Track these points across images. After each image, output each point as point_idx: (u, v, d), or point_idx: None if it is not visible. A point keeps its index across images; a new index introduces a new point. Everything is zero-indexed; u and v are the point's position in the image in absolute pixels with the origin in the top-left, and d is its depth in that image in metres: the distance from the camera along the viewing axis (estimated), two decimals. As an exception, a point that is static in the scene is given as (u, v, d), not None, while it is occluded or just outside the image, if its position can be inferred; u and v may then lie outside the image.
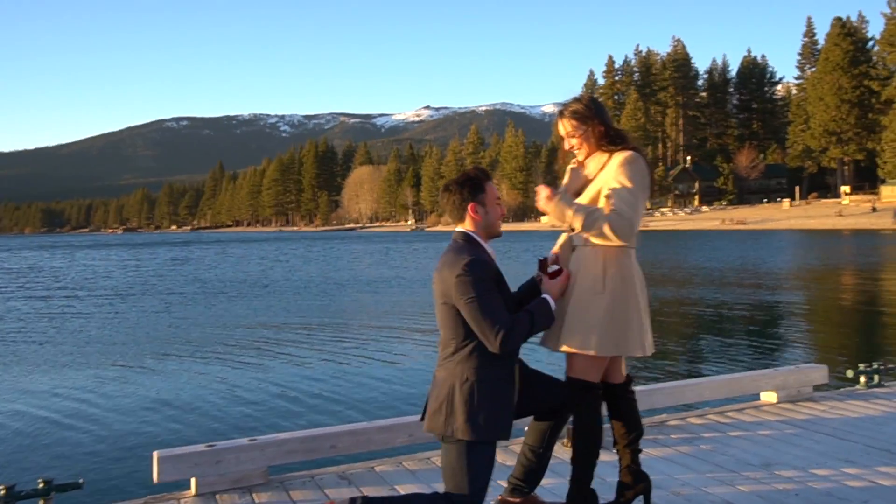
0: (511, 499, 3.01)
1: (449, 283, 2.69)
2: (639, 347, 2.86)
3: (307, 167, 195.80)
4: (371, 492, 3.39)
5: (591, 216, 2.77)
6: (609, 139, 2.91)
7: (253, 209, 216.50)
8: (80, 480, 3.31)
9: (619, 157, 2.83)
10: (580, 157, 3.00)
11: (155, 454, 3.36)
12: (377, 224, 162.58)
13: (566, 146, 3.02)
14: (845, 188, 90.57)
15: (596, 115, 2.94)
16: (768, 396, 5.00)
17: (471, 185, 2.85)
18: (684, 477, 3.56)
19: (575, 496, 2.93)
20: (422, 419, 2.87)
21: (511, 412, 2.76)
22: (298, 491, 3.43)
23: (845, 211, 75.46)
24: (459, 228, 2.86)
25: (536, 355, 5.47)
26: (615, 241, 2.76)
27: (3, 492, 3.06)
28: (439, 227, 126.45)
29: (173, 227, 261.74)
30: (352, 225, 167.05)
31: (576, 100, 2.99)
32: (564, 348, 2.83)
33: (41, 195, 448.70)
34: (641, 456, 3.86)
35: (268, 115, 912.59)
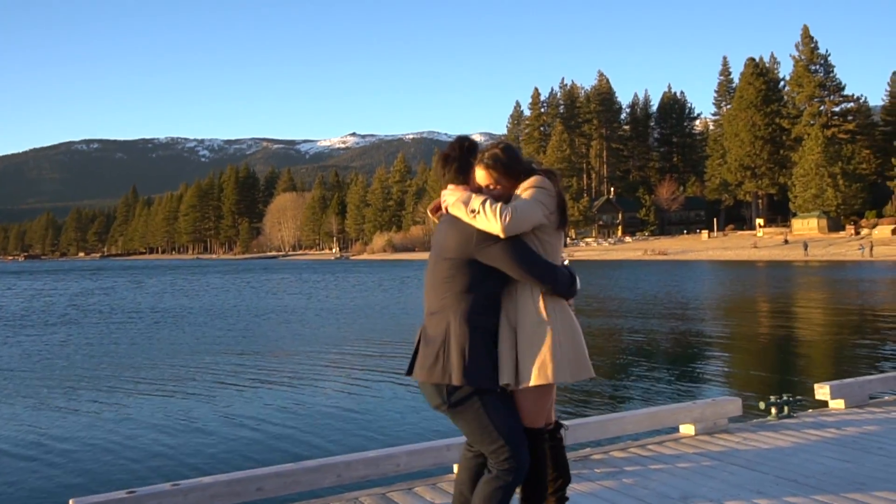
0: None
1: (469, 230, 2.78)
2: (588, 370, 2.96)
3: (227, 193, 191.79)
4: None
5: (493, 201, 2.79)
6: (524, 179, 2.93)
7: (169, 236, 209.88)
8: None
9: (526, 181, 2.89)
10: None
11: (71, 502, 3.26)
12: (300, 252, 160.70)
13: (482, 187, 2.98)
14: (760, 221, 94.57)
15: (516, 163, 2.94)
16: (687, 429, 5.17)
17: (469, 152, 2.95)
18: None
19: None
20: (408, 373, 2.92)
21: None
22: (223, 535, 3.37)
23: (760, 243, 78.79)
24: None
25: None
26: (497, 226, 2.73)
27: None
28: (364, 256, 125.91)
29: (81, 254, 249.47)
30: (274, 253, 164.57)
31: (495, 146, 2.97)
32: (524, 385, 2.82)
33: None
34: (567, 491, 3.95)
35: (186, 139, 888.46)
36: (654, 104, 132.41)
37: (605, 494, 3.92)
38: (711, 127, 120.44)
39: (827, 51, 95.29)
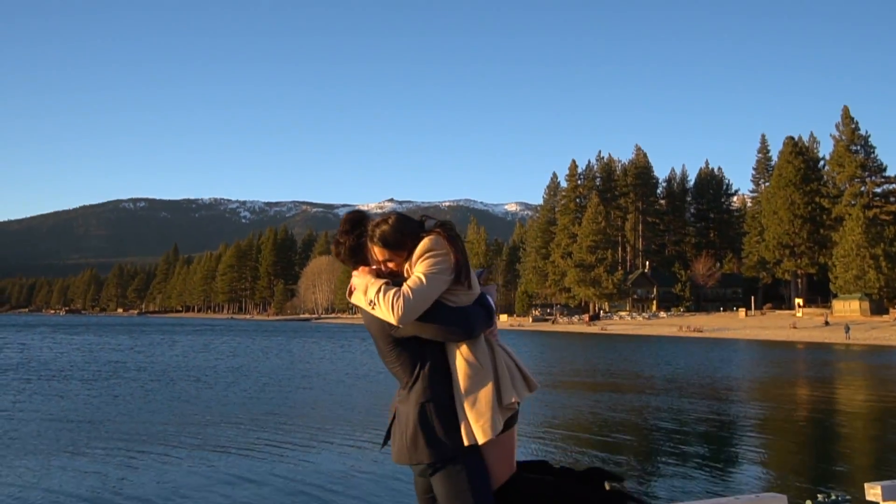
0: None
1: (370, 314, 2.75)
2: (528, 387, 2.87)
3: (265, 254, 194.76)
4: None
5: (388, 287, 2.67)
6: (415, 245, 2.78)
7: (206, 294, 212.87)
8: None
9: (419, 248, 2.73)
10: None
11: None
12: (332, 315, 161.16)
13: (379, 266, 2.85)
14: (799, 300, 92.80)
15: (402, 236, 2.79)
16: (727, 529, 4.80)
17: (356, 230, 2.88)
18: None
19: None
20: (383, 447, 2.96)
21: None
22: None
23: (799, 323, 77.04)
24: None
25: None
26: (392, 318, 2.63)
27: None
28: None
29: (119, 310, 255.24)
30: (307, 315, 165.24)
31: (383, 221, 2.83)
32: (482, 441, 2.69)
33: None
34: None
35: (229, 201, 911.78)
36: (691, 179, 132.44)
37: None
38: (749, 204, 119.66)
39: (867, 132, 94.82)
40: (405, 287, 2.65)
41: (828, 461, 11.42)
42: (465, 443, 2.71)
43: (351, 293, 2.88)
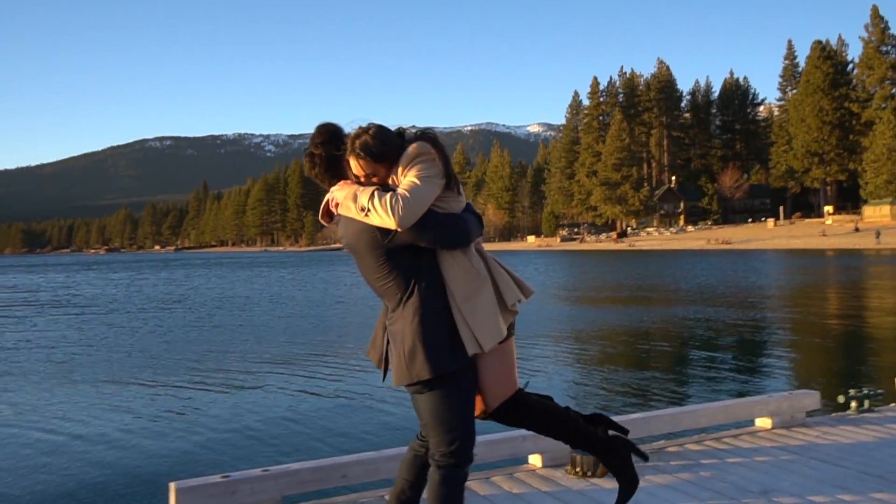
0: None
1: (370, 229, 2.60)
2: (521, 292, 2.79)
3: (292, 187, 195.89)
4: (382, 521, 3.47)
5: (382, 192, 2.55)
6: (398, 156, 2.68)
7: (238, 229, 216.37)
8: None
9: (406, 155, 2.64)
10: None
11: (172, 486, 3.43)
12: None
13: (360, 180, 2.71)
14: (828, 208, 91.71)
15: (387, 146, 2.67)
16: (763, 422, 5.11)
17: (332, 143, 2.74)
18: (686, 504, 3.66)
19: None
20: (384, 378, 2.84)
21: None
22: (311, 520, 3.51)
23: (829, 231, 76.40)
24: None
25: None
26: (391, 221, 2.52)
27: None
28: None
29: (156, 248, 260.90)
30: (338, 244, 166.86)
31: (364, 132, 2.68)
32: (488, 348, 2.64)
33: (22, 215, 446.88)
34: (642, 482, 3.97)
35: (252, 135, 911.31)
36: (716, 91, 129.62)
37: (683, 487, 3.92)
38: (776, 112, 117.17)
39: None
40: (401, 190, 2.54)
41: (859, 361, 11.70)
42: (470, 352, 2.62)
43: (327, 213, 2.82)
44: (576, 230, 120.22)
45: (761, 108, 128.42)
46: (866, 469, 4.15)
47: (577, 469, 4.09)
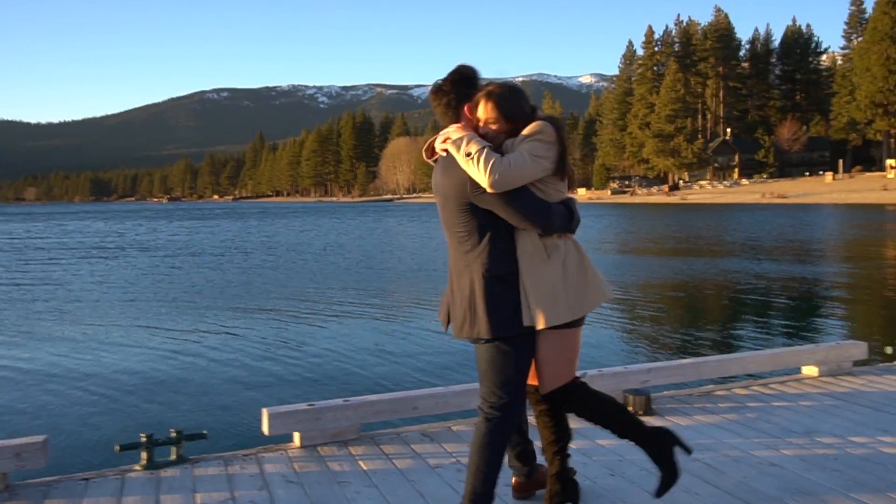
0: (522, 480, 3.16)
1: (462, 177, 2.68)
2: (600, 296, 2.84)
3: (345, 138, 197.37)
4: (450, 448, 3.84)
5: (491, 152, 2.64)
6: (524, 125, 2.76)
7: (293, 179, 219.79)
8: (204, 431, 3.81)
9: (528, 128, 2.73)
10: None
11: (264, 411, 3.84)
12: (414, 195, 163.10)
13: (479, 123, 2.78)
14: (891, 161, 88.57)
15: (518, 109, 2.77)
16: (809, 370, 5.33)
17: (465, 83, 2.80)
18: (732, 441, 3.94)
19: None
20: (445, 329, 2.95)
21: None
22: (387, 445, 3.90)
23: (890, 185, 73.94)
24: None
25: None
26: (485, 180, 2.61)
27: (144, 439, 3.57)
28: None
29: (215, 197, 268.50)
30: (389, 196, 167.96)
31: (502, 85, 2.79)
32: (539, 327, 2.73)
33: (89, 165, 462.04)
34: (691, 421, 4.27)
35: (306, 87, 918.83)
36: (777, 39, 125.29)
37: (731, 427, 4.20)
38: (840, 62, 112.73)
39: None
40: (507, 158, 2.63)
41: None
42: (525, 322, 2.71)
43: (431, 152, 2.88)
44: (627, 183, 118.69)
45: (824, 57, 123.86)
46: (907, 414, 4.37)
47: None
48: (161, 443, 3.61)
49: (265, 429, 3.81)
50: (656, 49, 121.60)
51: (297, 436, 3.89)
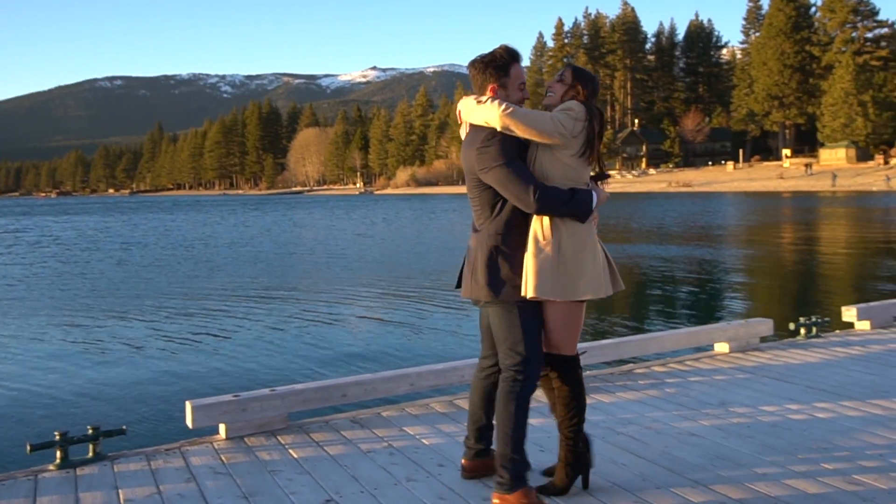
0: (471, 461, 3.19)
1: (472, 157, 2.90)
2: (600, 289, 2.95)
3: (251, 129, 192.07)
4: (381, 433, 3.83)
5: (509, 103, 2.82)
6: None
7: (195, 172, 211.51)
8: (123, 427, 3.67)
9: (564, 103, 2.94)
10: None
11: (188, 403, 3.74)
12: (324, 187, 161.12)
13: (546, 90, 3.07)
14: (786, 151, 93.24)
15: (582, 83, 3.01)
16: (721, 347, 5.58)
17: (494, 67, 2.95)
18: (653, 414, 4.09)
19: (571, 460, 3.05)
20: (457, 287, 3.12)
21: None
22: (317, 433, 3.86)
23: (786, 174, 77.91)
24: None
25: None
26: (495, 113, 2.77)
27: (58, 437, 3.42)
28: (388, 191, 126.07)
29: (111, 191, 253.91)
30: (298, 188, 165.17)
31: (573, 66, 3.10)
32: (531, 297, 2.85)
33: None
34: (614, 398, 4.40)
35: (208, 76, 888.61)
36: (681, 33, 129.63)
37: (651, 401, 4.35)
38: (739, 56, 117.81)
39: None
40: (554, 114, 2.84)
41: (810, 292, 12.46)
42: (522, 293, 2.86)
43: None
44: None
45: (724, 51, 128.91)
46: (811, 384, 4.64)
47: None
48: (76, 440, 3.47)
49: (189, 422, 3.71)
50: (566, 41, 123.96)
51: (222, 428, 3.80)
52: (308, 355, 8.23)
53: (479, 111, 2.85)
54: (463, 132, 3.07)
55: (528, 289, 2.84)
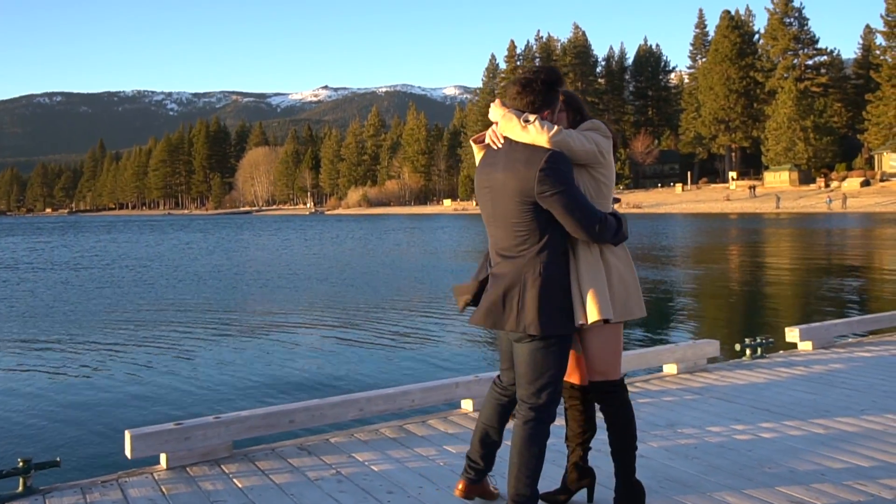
0: (473, 480, 3.12)
1: (528, 177, 2.73)
2: (641, 309, 3.01)
3: (198, 147, 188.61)
4: (329, 460, 3.76)
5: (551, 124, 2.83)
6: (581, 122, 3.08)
7: (139, 191, 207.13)
8: (57, 458, 3.53)
9: (585, 124, 3.05)
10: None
11: (127, 433, 3.62)
12: (274, 207, 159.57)
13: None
14: (733, 174, 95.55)
15: (583, 105, 3.17)
16: (670, 368, 5.64)
17: (554, 91, 2.90)
18: (603, 437, 4.08)
19: (625, 490, 3.07)
20: (462, 311, 3.04)
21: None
22: (263, 461, 3.77)
23: (732, 195, 79.86)
24: None
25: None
26: (544, 137, 2.77)
27: (-13, 471, 3.28)
28: (339, 211, 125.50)
29: (48, 210, 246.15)
30: (247, 208, 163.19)
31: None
32: (592, 321, 2.82)
33: None
34: (563, 422, 4.39)
35: (153, 92, 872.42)
36: (630, 57, 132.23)
37: (601, 425, 4.34)
38: (686, 80, 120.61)
39: (801, 3, 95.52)
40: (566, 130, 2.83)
41: (755, 314, 12.71)
42: (577, 322, 2.81)
43: (481, 139, 3.06)
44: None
45: (672, 75, 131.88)
46: (756, 404, 4.71)
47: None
48: (6, 474, 3.32)
49: (128, 452, 3.59)
50: (518, 63, 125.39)
51: (163, 457, 3.69)
52: (254, 381, 8.05)
53: (528, 133, 2.78)
54: (477, 154, 3.08)
55: (591, 313, 2.79)
